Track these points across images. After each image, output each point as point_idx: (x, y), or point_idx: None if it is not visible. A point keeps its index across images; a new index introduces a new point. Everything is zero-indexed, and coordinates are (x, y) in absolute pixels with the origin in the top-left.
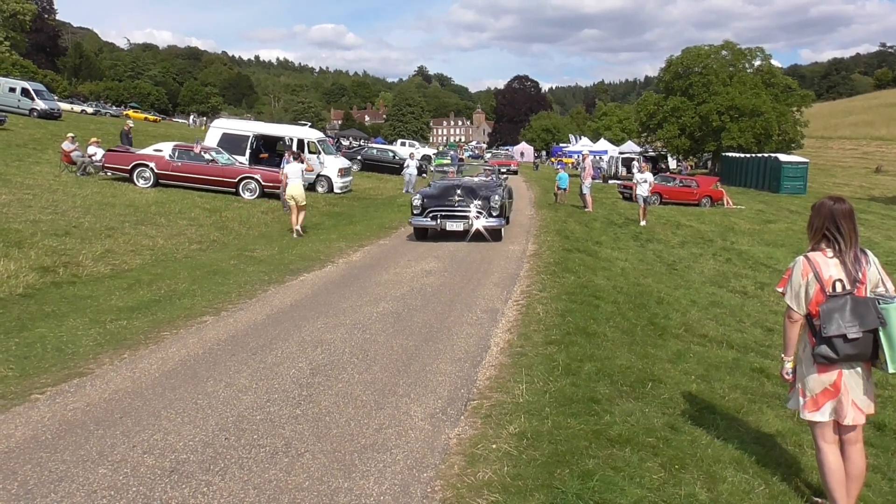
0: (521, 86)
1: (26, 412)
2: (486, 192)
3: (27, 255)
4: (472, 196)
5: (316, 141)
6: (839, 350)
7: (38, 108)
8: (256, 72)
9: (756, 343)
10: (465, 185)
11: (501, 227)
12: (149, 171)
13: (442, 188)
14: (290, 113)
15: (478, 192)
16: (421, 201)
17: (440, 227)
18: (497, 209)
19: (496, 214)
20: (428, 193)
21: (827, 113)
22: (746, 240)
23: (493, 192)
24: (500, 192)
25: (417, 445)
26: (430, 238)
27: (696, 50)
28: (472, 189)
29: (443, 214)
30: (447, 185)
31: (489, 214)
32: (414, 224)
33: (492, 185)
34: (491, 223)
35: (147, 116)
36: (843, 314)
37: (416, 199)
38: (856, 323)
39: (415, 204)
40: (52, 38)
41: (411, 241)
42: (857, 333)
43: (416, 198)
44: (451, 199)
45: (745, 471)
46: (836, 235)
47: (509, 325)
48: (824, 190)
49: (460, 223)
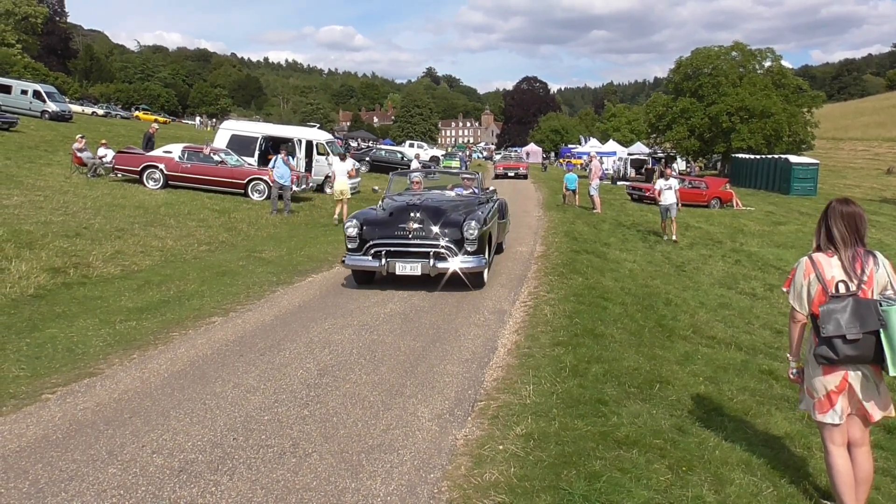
0: (529, 87)
1: (37, 412)
2: (458, 214)
3: (38, 257)
4: (438, 220)
5: (324, 142)
6: (839, 351)
7: (50, 111)
8: (265, 73)
9: (765, 345)
10: (427, 204)
11: (482, 270)
12: (158, 172)
13: (394, 209)
14: (298, 114)
15: (447, 214)
16: (358, 230)
17: (386, 271)
18: (473, 241)
19: (473, 250)
20: (371, 218)
21: (838, 114)
22: (756, 241)
23: (469, 215)
24: (482, 213)
25: (424, 446)
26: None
27: (705, 51)
28: (439, 210)
29: (391, 251)
30: (401, 206)
31: (461, 249)
32: (349, 264)
33: (470, 202)
34: (466, 264)
35: (157, 118)
36: (843, 315)
37: (350, 227)
38: (856, 324)
39: (349, 233)
40: (64, 41)
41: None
42: (857, 335)
43: (350, 224)
44: (405, 227)
45: (753, 473)
46: (833, 236)
47: (517, 327)
48: (835, 192)
49: (417, 264)
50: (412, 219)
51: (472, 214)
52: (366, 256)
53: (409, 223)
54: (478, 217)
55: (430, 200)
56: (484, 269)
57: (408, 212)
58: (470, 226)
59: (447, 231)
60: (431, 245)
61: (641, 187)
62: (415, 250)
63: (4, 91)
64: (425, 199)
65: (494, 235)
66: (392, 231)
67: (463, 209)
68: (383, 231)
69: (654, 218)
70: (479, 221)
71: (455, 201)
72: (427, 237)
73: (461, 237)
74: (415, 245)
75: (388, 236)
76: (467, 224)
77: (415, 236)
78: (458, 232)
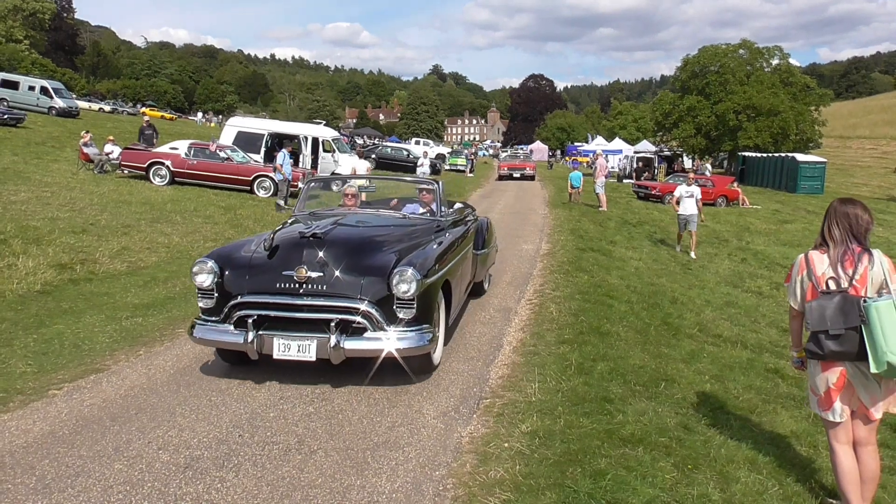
0: (535, 84)
1: (44, 408)
2: (390, 251)
3: (45, 253)
4: (352, 264)
5: (330, 139)
6: (824, 346)
7: (57, 107)
8: (272, 70)
9: (771, 343)
10: (337, 235)
11: (427, 350)
12: (165, 169)
13: (281, 242)
14: (304, 111)
15: (370, 252)
16: (214, 278)
17: (258, 349)
18: (409, 301)
19: (409, 316)
20: (239, 257)
21: (846, 112)
22: (762, 240)
23: (409, 254)
24: (434, 249)
25: (430, 443)
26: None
27: (712, 49)
28: (356, 246)
29: (267, 317)
30: (291, 237)
31: (391, 315)
32: (198, 338)
33: (421, 229)
34: (399, 342)
35: (164, 115)
36: (828, 311)
37: (201, 272)
38: (839, 320)
39: (198, 283)
40: (71, 37)
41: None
42: (840, 330)
43: (201, 268)
44: (294, 276)
45: (759, 471)
46: (831, 234)
47: (522, 325)
48: (842, 190)
49: (311, 342)
50: (308, 260)
51: (415, 253)
52: (226, 325)
53: (301, 268)
54: (423, 258)
55: (347, 227)
56: (431, 349)
57: (301, 248)
58: (404, 274)
59: (366, 282)
60: (336, 308)
61: (647, 185)
62: (307, 316)
63: (12, 87)
64: (335, 227)
65: (464, 279)
66: (272, 281)
67: (405, 241)
68: (257, 281)
69: (659, 216)
70: (420, 266)
71: (394, 228)
72: (331, 292)
73: (386, 292)
74: (307, 308)
75: (265, 290)
76: (400, 272)
77: (310, 291)
78: (385, 284)
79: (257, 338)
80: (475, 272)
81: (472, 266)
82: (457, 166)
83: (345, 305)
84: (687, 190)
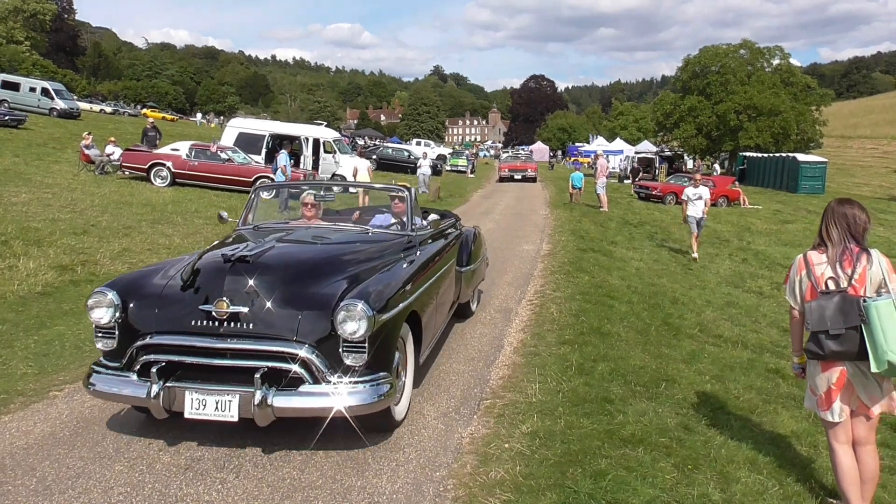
0: (536, 85)
1: (45, 409)
2: (338, 278)
3: (46, 254)
4: (289, 295)
5: (331, 140)
6: (824, 346)
7: (58, 108)
8: (273, 71)
9: (772, 343)
10: (271, 257)
11: (384, 405)
12: (166, 170)
13: (206, 266)
14: (306, 112)
15: (312, 279)
16: (117, 315)
17: (167, 406)
18: (359, 344)
19: (359, 363)
20: (147, 287)
21: (847, 112)
22: (763, 240)
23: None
24: (397, 273)
25: (430, 444)
26: None
27: (713, 49)
28: (295, 271)
29: (179, 364)
30: (213, 261)
31: (336, 362)
32: (94, 391)
33: (387, 246)
34: (350, 398)
35: (165, 116)
36: (828, 311)
37: (98, 306)
38: (839, 319)
39: (99, 321)
40: (72, 38)
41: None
42: (840, 330)
43: (99, 299)
44: (212, 310)
45: (759, 471)
46: (829, 233)
47: (523, 325)
48: (843, 190)
49: (231, 397)
50: (232, 291)
51: (372, 280)
52: (127, 374)
53: (221, 301)
54: (380, 286)
55: (288, 247)
56: (389, 402)
57: (223, 276)
58: (351, 310)
59: (305, 319)
60: (265, 353)
61: (648, 185)
62: (229, 363)
63: (13, 88)
64: (272, 247)
65: (442, 305)
66: (186, 318)
67: (363, 264)
68: (167, 317)
69: (660, 216)
70: (375, 298)
71: (351, 246)
72: (259, 332)
73: (332, 332)
74: (229, 352)
75: (177, 329)
76: (347, 307)
77: (232, 331)
78: (329, 322)
79: (164, 391)
80: (459, 292)
81: (455, 286)
82: (458, 167)
83: (276, 350)
84: (694, 192)
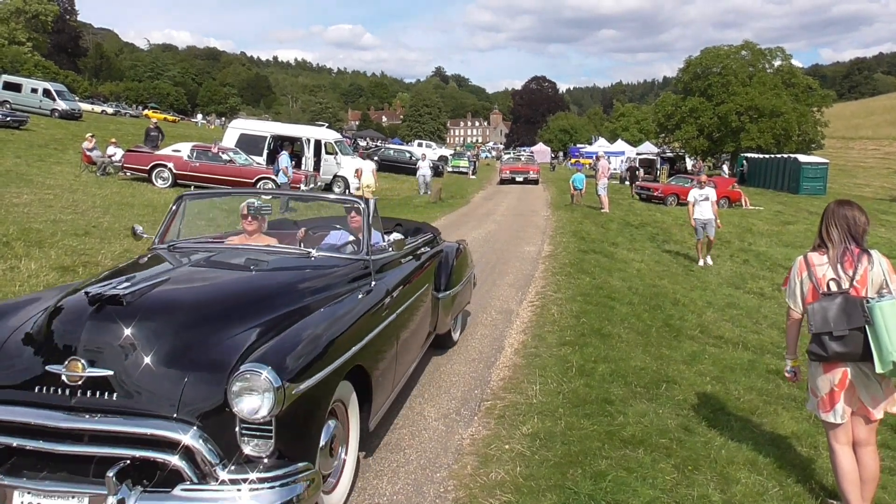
0: (538, 86)
1: None
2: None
3: (47, 255)
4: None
5: (333, 141)
6: (827, 347)
7: (60, 109)
8: (274, 72)
9: (772, 345)
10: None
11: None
12: (167, 171)
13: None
14: (307, 113)
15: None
16: None
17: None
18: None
19: (266, 454)
20: None
21: (849, 113)
22: (764, 241)
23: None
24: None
25: (431, 445)
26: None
27: (715, 50)
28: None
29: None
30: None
31: (225, 454)
32: None
33: (329, 275)
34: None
35: (166, 117)
36: (831, 312)
37: None
38: (843, 321)
39: None
40: (74, 39)
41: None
42: (843, 331)
43: None
44: (59, 373)
45: (760, 472)
46: (830, 235)
47: (524, 326)
48: (845, 191)
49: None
50: (90, 346)
51: (290, 332)
52: None
53: (75, 361)
54: (298, 340)
55: (184, 281)
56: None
57: (82, 323)
58: (250, 380)
59: (191, 388)
60: (131, 436)
61: (649, 187)
62: (79, 451)
63: (15, 89)
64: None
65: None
66: (28, 384)
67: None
68: (3, 381)
69: (661, 218)
70: (290, 359)
71: (280, 276)
72: (125, 406)
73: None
74: (82, 434)
75: (13, 398)
76: (244, 376)
77: (88, 403)
78: (222, 393)
79: None
80: (436, 322)
81: (431, 315)
82: (459, 168)
83: (147, 433)
84: (701, 193)
